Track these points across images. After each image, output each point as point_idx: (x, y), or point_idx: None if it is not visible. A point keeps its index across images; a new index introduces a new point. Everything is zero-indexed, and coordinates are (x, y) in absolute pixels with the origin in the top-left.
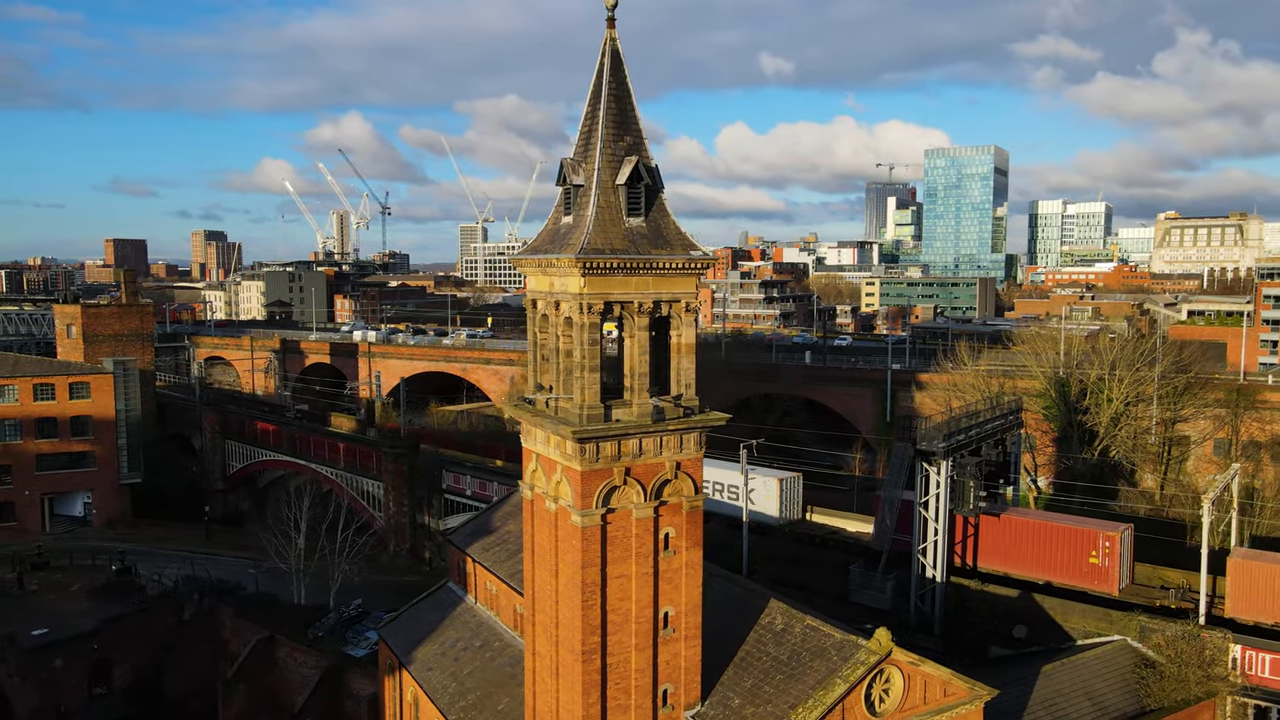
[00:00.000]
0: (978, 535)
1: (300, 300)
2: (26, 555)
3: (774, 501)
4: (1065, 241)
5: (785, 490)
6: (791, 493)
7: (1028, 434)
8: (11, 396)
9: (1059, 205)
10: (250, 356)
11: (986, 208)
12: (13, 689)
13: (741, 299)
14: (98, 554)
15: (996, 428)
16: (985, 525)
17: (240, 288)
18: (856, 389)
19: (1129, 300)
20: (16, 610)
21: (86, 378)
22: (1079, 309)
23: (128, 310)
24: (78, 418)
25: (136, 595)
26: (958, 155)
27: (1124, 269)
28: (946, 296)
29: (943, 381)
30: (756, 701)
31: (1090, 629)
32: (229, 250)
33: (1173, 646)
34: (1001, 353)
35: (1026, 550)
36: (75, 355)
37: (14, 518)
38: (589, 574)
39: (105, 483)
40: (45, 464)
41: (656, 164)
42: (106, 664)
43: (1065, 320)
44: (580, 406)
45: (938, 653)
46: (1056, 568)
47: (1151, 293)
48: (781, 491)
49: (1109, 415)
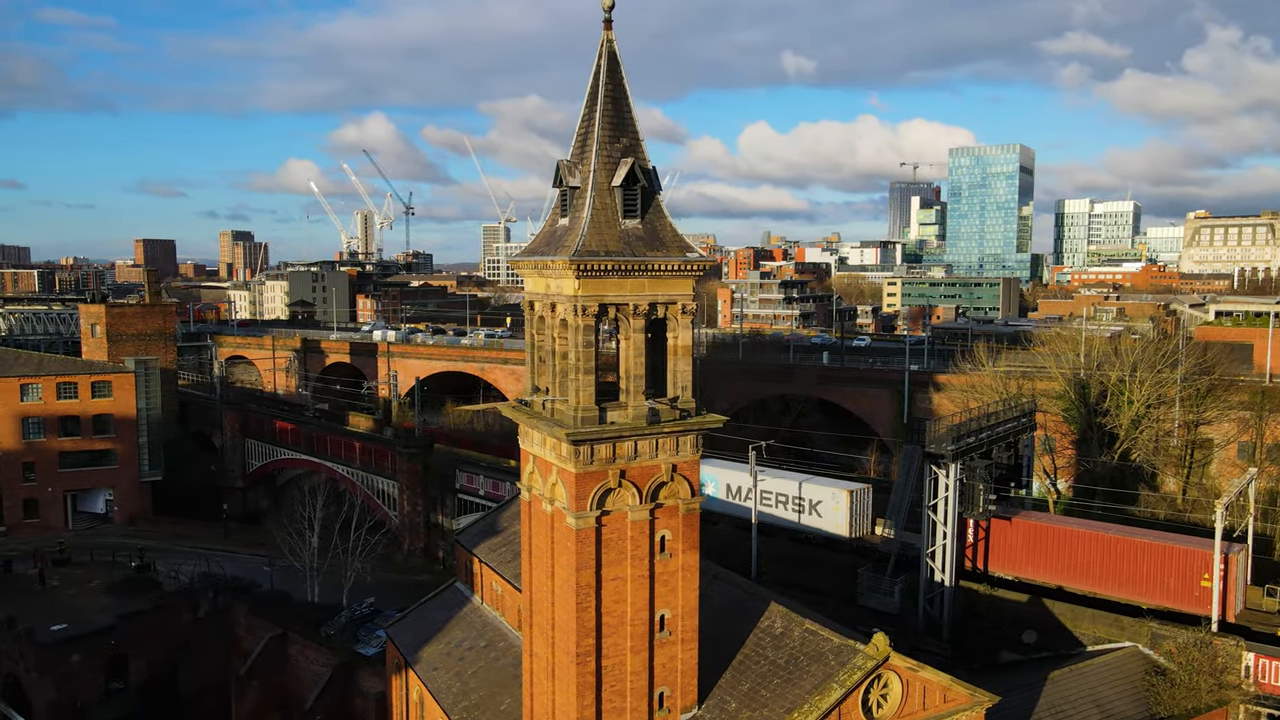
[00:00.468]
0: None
1: (323, 300)
2: (48, 551)
3: (844, 515)
4: (1092, 241)
5: (855, 503)
6: (862, 505)
7: (1047, 436)
8: (36, 395)
9: (1086, 204)
10: (272, 356)
11: (1012, 207)
12: (30, 683)
13: (761, 299)
14: (118, 550)
15: (1009, 430)
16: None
17: (264, 287)
18: (874, 390)
19: (1155, 301)
20: (38, 605)
21: (108, 377)
22: (1103, 309)
23: (151, 310)
24: (100, 416)
25: (154, 592)
26: (983, 154)
27: (1152, 269)
28: (969, 297)
29: (960, 383)
30: (753, 705)
31: (1101, 635)
32: (255, 250)
33: (1184, 654)
34: (1021, 354)
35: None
36: (100, 354)
37: (38, 514)
38: (583, 576)
39: (126, 480)
40: (68, 461)
41: (654, 166)
42: (123, 659)
43: (1089, 321)
44: (575, 409)
45: (946, 657)
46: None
47: (1180, 293)
48: (852, 504)
49: (1129, 417)
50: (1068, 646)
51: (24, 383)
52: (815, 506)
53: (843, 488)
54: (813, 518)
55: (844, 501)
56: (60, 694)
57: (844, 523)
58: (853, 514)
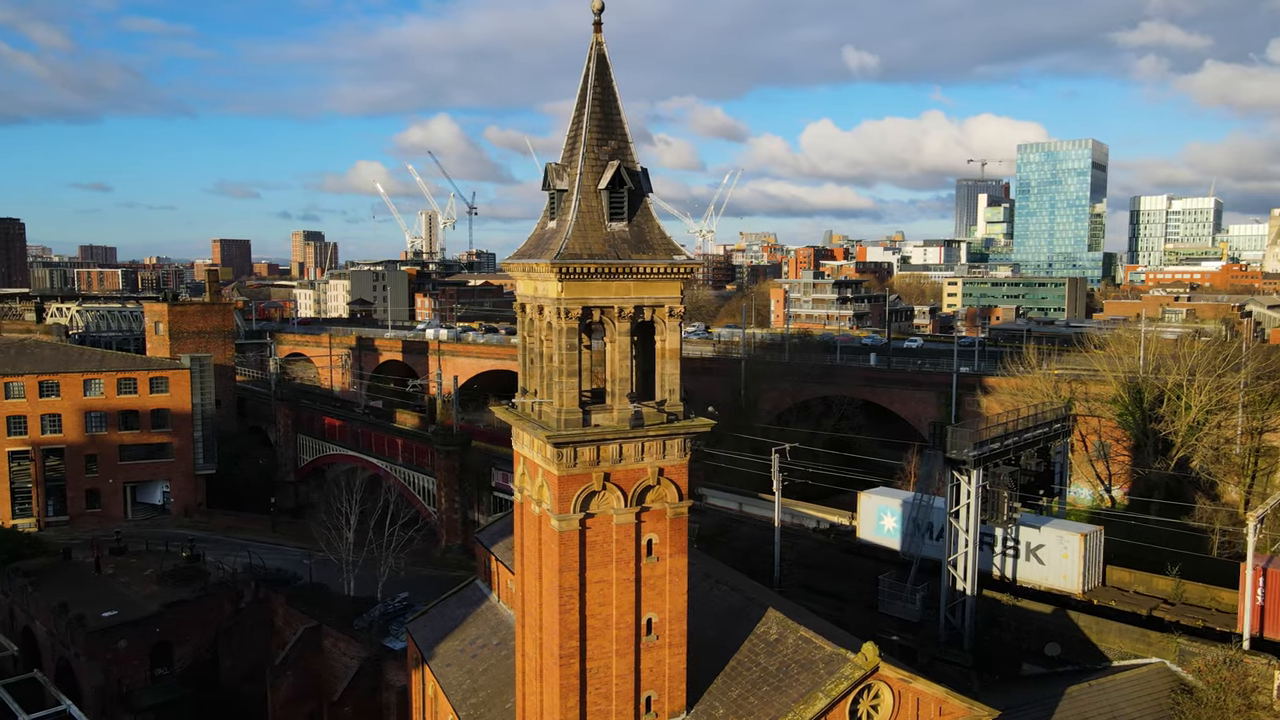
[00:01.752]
0: None
1: (382, 299)
2: (105, 540)
3: (1074, 564)
4: (1170, 239)
5: (1089, 549)
6: (1094, 551)
7: (1101, 441)
8: (98, 390)
9: (1163, 201)
10: (329, 353)
11: (1083, 204)
12: (80, 668)
13: (814, 299)
14: (171, 541)
15: (1039, 436)
16: None
17: (328, 286)
18: (921, 393)
19: (1231, 301)
20: (91, 592)
21: (165, 373)
22: (1172, 310)
23: (210, 309)
24: (158, 411)
25: (200, 581)
26: (1054, 149)
27: (1233, 268)
28: (1033, 297)
29: (1010, 386)
30: (740, 713)
31: (1127, 650)
32: (325, 250)
33: (1213, 672)
34: (1075, 356)
35: None
36: (163, 351)
37: (99, 505)
38: (566, 578)
39: (181, 473)
40: (127, 454)
41: (644, 168)
42: (167, 646)
43: (1156, 322)
44: (558, 411)
45: (967, 668)
46: None
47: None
48: (1085, 551)
49: (1186, 423)
50: (1093, 660)
51: (87, 378)
52: (1035, 551)
53: (1072, 530)
54: (1030, 565)
55: (1075, 548)
56: (107, 679)
57: (1074, 573)
58: (1086, 563)
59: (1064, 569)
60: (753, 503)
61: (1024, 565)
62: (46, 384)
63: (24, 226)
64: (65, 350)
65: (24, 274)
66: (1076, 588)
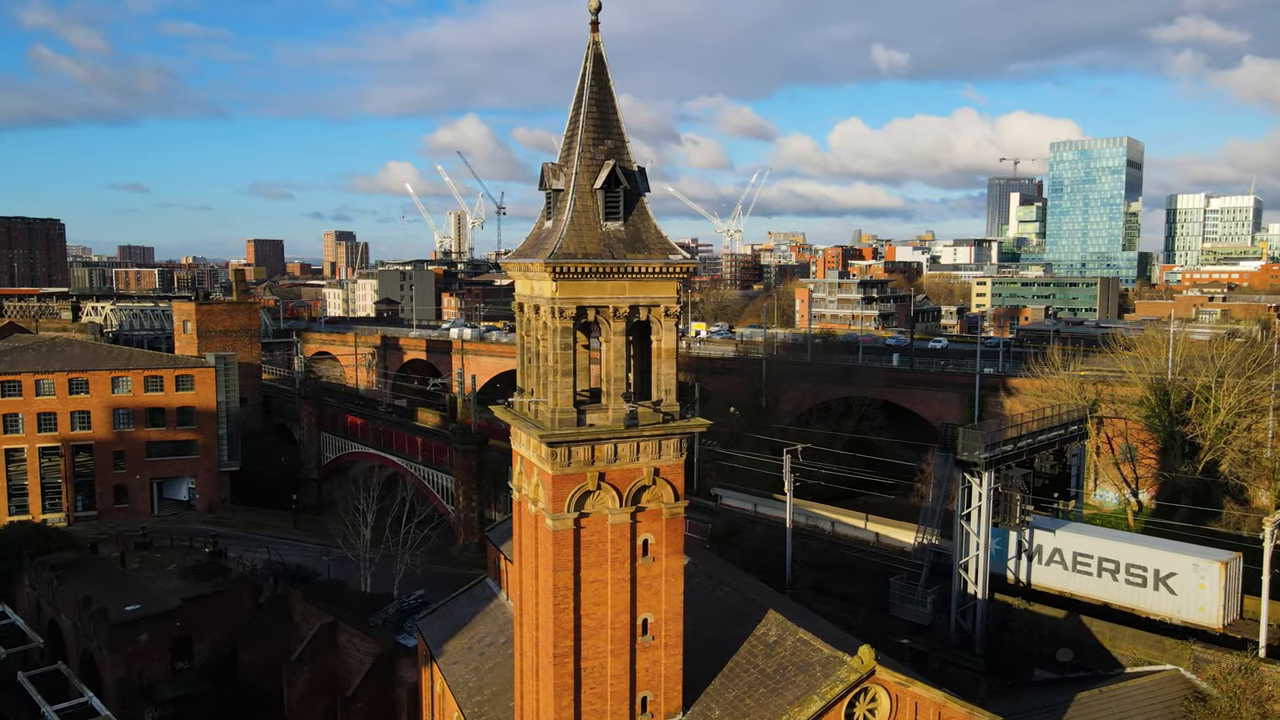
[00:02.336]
0: None
1: (409, 298)
2: (131, 535)
3: (1213, 594)
4: (1208, 238)
5: (1229, 577)
6: (1234, 580)
7: (1128, 444)
8: (125, 388)
9: (1201, 199)
10: (354, 352)
11: (1118, 203)
12: (102, 660)
13: (840, 299)
14: (195, 536)
15: (1055, 438)
16: None
17: (357, 286)
18: (943, 393)
19: (1268, 302)
20: (115, 586)
21: (190, 370)
22: (1206, 311)
23: (237, 308)
24: (183, 408)
25: (220, 576)
26: (1087, 147)
27: (1272, 268)
28: (1064, 297)
29: (1034, 387)
30: (736, 714)
31: (1141, 656)
32: (356, 250)
33: (1228, 680)
34: (1101, 356)
35: None
36: (190, 349)
37: (127, 500)
38: (560, 577)
39: (206, 470)
40: (154, 450)
41: (641, 167)
42: (188, 640)
43: (1189, 323)
44: (553, 410)
45: (978, 672)
46: None
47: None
48: (1226, 580)
49: (1214, 426)
50: (1105, 667)
51: (114, 375)
52: (1165, 580)
53: (1210, 557)
54: (1159, 594)
55: (1214, 577)
56: (129, 671)
57: (1213, 605)
58: (1226, 594)
59: (1200, 600)
60: (766, 503)
61: (1151, 593)
62: (76, 381)
63: (64, 227)
64: (94, 348)
65: (64, 273)
66: (1216, 621)
